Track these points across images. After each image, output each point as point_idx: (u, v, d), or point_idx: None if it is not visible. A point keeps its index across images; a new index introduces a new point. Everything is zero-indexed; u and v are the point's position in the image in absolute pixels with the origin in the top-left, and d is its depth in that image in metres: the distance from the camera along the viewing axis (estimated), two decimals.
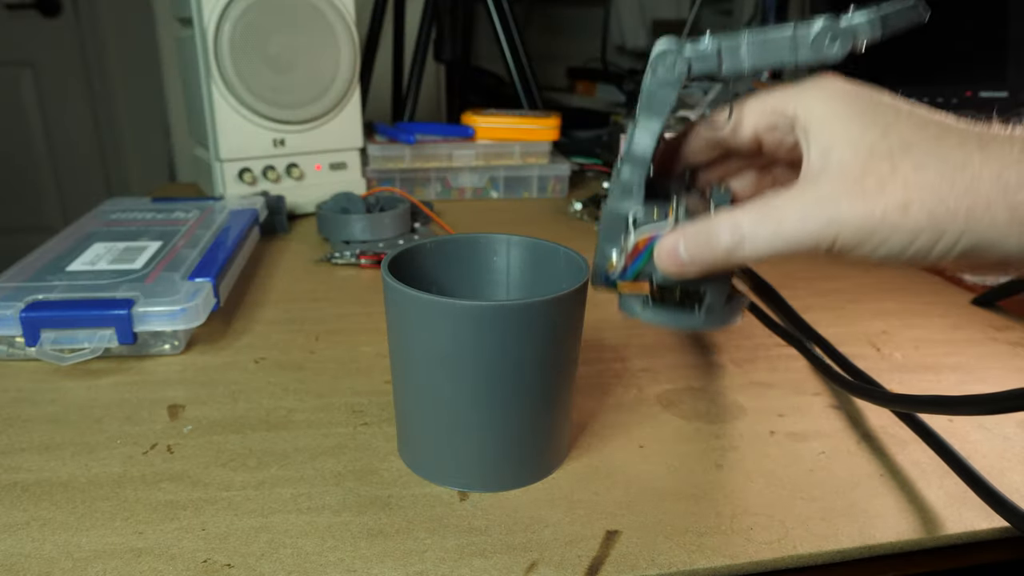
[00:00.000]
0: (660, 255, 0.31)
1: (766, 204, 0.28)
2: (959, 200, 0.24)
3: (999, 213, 0.24)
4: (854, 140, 0.26)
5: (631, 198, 0.33)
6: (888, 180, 0.25)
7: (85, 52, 1.98)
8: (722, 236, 0.28)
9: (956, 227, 0.25)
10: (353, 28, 0.75)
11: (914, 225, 0.25)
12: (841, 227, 0.26)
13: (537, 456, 0.34)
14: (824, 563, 0.30)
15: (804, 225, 0.26)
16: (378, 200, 0.73)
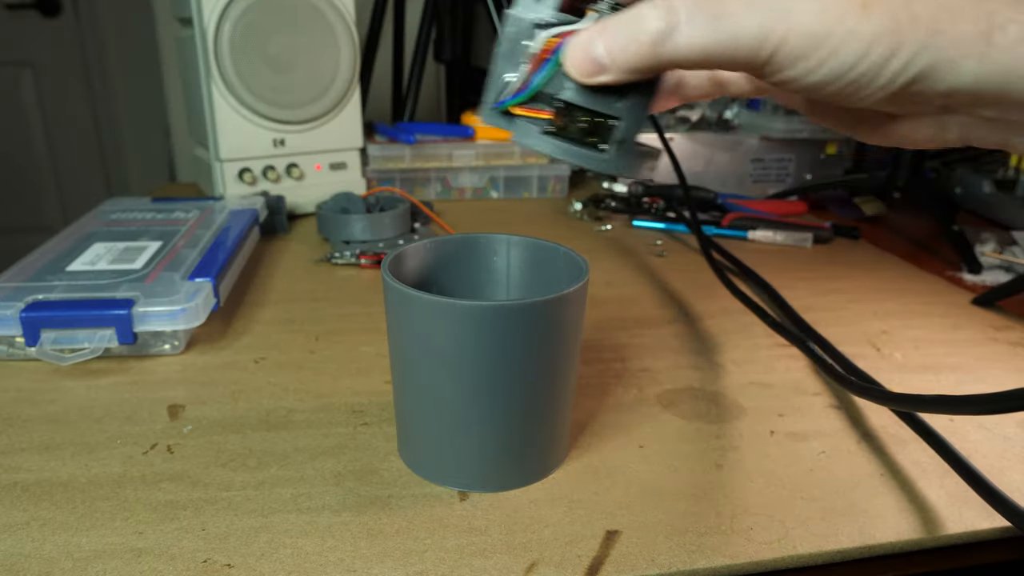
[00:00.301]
0: (572, 52, 0.26)
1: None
2: (926, 4, 0.22)
3: (966, 25, 0.22)
4: None
5: (543, 3, 0.27)
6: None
7: (85, 52, 1.98)
8: (651, 21, 0.24)
9: (916, 39, 0.22)
10: (353, 28, 0.75)
11: (873, 30, 0.22)
12: (792, 25, 0.22)
13: (537, 456, 0.34)
14: (824, 563, 0.30)
15: (750, 15, 0.23)
16: (378, 200, 0.73)
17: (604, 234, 0.74)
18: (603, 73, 0.25)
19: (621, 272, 0.63)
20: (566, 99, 0.27)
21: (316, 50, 0.73)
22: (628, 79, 0.26)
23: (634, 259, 0.66)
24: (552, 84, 0.27)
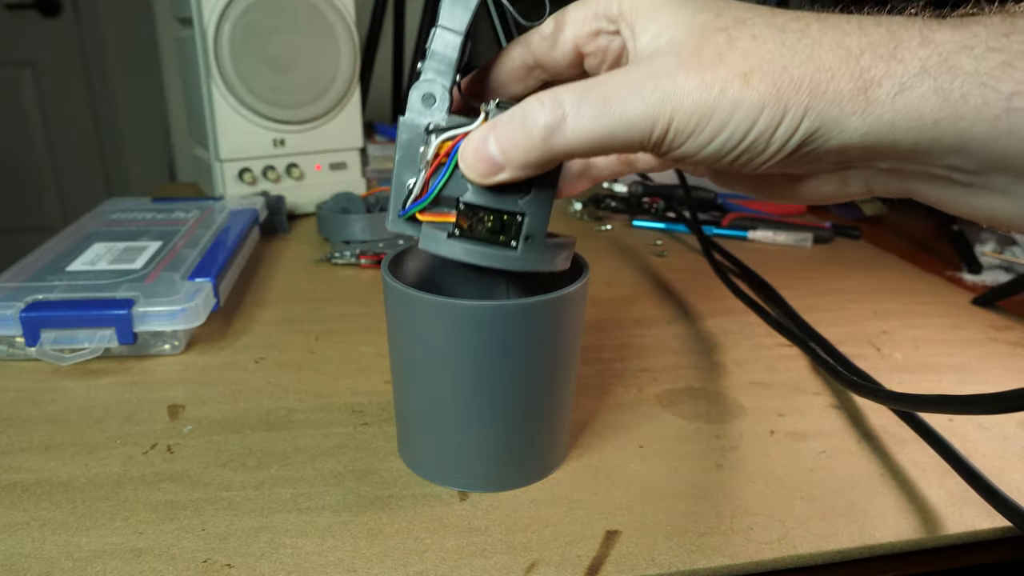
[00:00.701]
0: (466, 154, 0.26)
1: (591, 80, 0.24)
2: (802, 67, 0.22)
3: (843, 82, 0.22)
4: (687, 22, 0.24)
5: (432, 108, 0.28)
6: (726, 51, 0.23)
7: (85, 52, 1.98)
8: (539, 115, 0.24)
9: (800, 101, 0.22)
10: (353, 28, 0.75)
11: (757, 98, 0.22)
12: (677, 104, 0.23)
13: (537, 456, 0.34)
14: (824, 563, 0.30)
15: (636, 100, 0.23)
16: (378, 200, 0.73)
17: (604, 234, 0.74)
18: (500, 172, 0.26)
19: (621, 272, 0.63)
20: (468, 201, 0.28)
21: (316, 50, 0.73)
22: (526, 175, 0.26)
23: (634, 259, 0.66)
24: (452, 187, 0.28)
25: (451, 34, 0.28)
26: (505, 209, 0.28)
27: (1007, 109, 0.21)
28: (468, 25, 0.28)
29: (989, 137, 0.21)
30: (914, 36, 0.22)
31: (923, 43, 0.22)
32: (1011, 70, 0.21)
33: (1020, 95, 0.21)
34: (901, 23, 0.22)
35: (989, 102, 0.21)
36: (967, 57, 0.21)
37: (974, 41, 0.21)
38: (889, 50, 0.22)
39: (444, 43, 0.28)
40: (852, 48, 0.22)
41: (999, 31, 0.21)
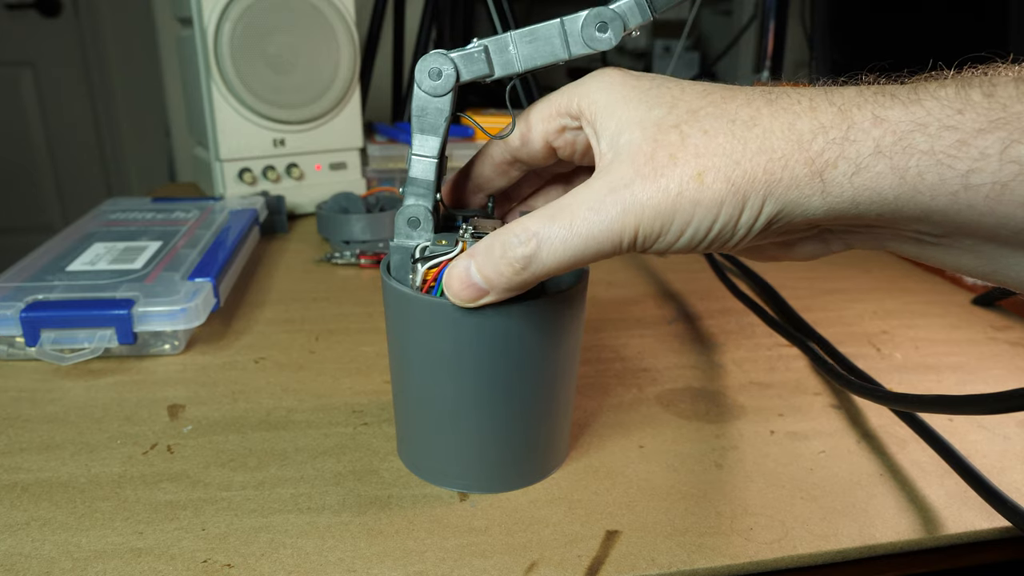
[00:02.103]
0: (451, 284, 0.28)
1: (556, 203, 0.26)
2: (754, 159, 0.23)
3: (797, 168, 0.23)
4: (640, 119, 0.25)
5: (418, 229, 0.31)
6: (679, 151, 0.24)
7: (85, 52, 1.98)
8: (515, 247, 0.26)
9: (757, 191, 0.23)
10: (353, 28, 0.75)
11: (713, 196, 0.23)
12: (639, 213, 0.24)
13: (537, 457, 0.34)
14: (824, 563, 0.30)
15: (599, 218, 0.24)
16: (378, 200, 0.73)
17: None
18: (485, 296, 0.28)
19: (621, 272, 0.63)
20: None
21: (316, 50, 0.73)
22: (509, 296, 0.28)
23: (634, 259, 0.66)
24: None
25: (426, 160, 0.30)
26: None
27: (964, 186, 0.21)
28: (440, 149, 0.30)
29: (950, 210, 0.22)
30: (866, 116, 0.22)
31: (876, 122, 0.22)
32: (966, 148, 0.21)
33: (976, 172, 0.21)
34: (853, 100, 0.23)
35: (946, 179, 0.21)
36: (921, 136, 0.21)
37: (928, 119, 0.21)
38: (842, 132, 0.22)
39: (421, 169, 0.31)
40: (804, 133, 0.23)
41: (953, 107, 0.21)
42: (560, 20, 0.29)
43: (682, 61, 1.26)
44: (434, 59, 0.29)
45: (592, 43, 0.29)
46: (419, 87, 0.30)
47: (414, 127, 0.30)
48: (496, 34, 0.30)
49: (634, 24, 0.29)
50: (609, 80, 0.27)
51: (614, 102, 0.26)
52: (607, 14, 0.28)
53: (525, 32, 0.29)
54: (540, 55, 0.29)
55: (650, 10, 0.28)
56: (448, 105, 0.30)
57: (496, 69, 0.30)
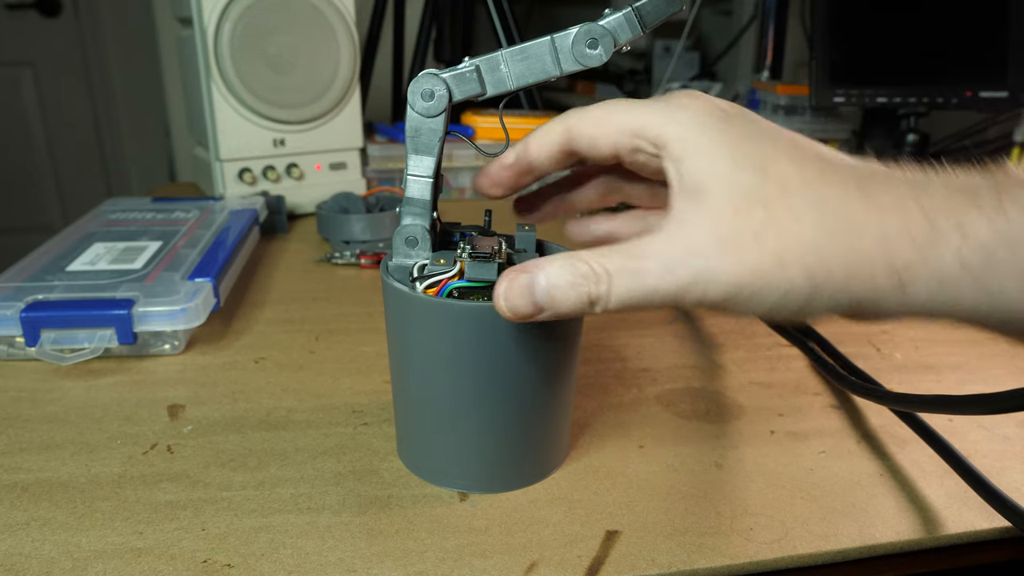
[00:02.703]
0: (510, 294, 0.26)
1: (633, 249, 0.25)
2: (838, 257, 0.23)
3: (879, 273, 0.22)
4: (729, 182, 0.24)
5: (416, 248, 0.31)
6: (764, 231, 0.23)
7: (85, 52, 1.98)
8: (589, 282, 0.25)
9: (833, 285, 0.23)
10: (353, 28, 0.75)
11: (789, 281, 0.23)
12: (710, 281, 0.24)
13: (537, 457, 0.34)
14: (824, 563, 0.30)
15: (670, 277, 0.24)
16: (378, 200, 0.73)
17: None
18: (540, 314, 0.27)
19: None
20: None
21: (316, 50, 0.73)
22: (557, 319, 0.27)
23: None
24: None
25: (422, 180, 0.31)
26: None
27: None
28: (435, 169, 0.31)
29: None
30: (952, 227, 0.22)
31: (962, 237, 0.22)
32: None
33: None
34: (940, 206, 0.22)
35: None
36: (1006, 252, 0.21)
37: (1015, 233, 0.21)
38: (928, 243, 0.22)
39: (417, 189, 0.31)
40: (891, 238, 0.22)
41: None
42: (551, 38, 0.29)
43: (682, 61, 1.26)
44: (426, 80, 0.30)
45: (583, 60, 0.29)
46: (412, 108, 0.30)
47: (408, 148, 0.31)
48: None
49: (624, 40, 0.29)
50: (699, 117, 0.26)
51: (703, 149, 0.25)
52: (597, 31, 0.29)
53: (516, 50, 0.29)
54: (532, 73, 0.30)
55: (640, 26, 0.29)
56: (441, 125, 0.30)
57: (488, 88, 0.30)
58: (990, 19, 0.75)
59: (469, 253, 0.31)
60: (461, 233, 0.35)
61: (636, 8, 0.28)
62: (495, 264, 0.31)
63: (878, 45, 0.75)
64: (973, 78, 0.75)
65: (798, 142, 0.25)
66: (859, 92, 0.73)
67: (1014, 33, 0.74)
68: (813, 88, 0.73)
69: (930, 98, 0.73)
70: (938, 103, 0.74)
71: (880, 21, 0.75)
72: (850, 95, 0.73)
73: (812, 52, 0.74)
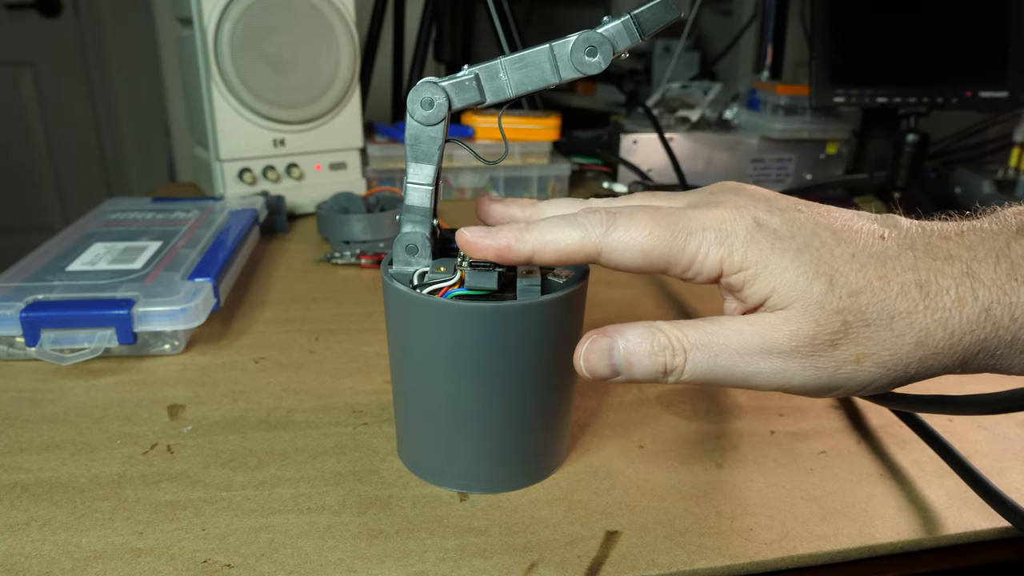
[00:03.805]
0: (589, 356, 0.27)
1: (714, 328, 0.26)
2: (911, 354, 0.25)
3: (947, 359, 0.25)
4: (801, 293, 0.25)
5: (416, 255, 0.32)
6: (841, 340, 0.25)
7: (85, 52, 1.97)
8: (667, 354, 0.26)
9: (909, 372, 0.25)
10: (353, 28, 0.75)
11: (867, 377, 0.25)
12: (786, 380, 0.26)
13: (537, 457, 0.34)
14: (824, 563, 0.30)
15: (743, 364, 0.26)
16: (378, 200, 0.73)
17: None
18: (614, 378, 0.27)
19: (621, 272, 0.63)
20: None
21: (316, 50, 0.73)
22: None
23: None
24: None
25: (422, 188, 0.31)
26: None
27: None
28: (435, 177, 0.31)
29: None
30: (1006, 313, 0.24)
31: (1012, 320, 0.24)
32: None
33: None
34: (994, 292, 0.24)
35: None
36: None
37: None
38: (986, 332, 0.24)
39: (417, 197, 0.31)
40: (955, 333, 0.24)
41: None
42: (549, 46, 0.29)
43: (682, 61, 1.26)
44: (425, 89, 0.30)
45: (582, 67, 0.29)
46: (411, 117, 0.30)
47: (408, 156, 0.31)
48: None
49: (623, 47, 0.29)
50: (754, 239, 0.26)
51: (765, 273, 0.26)
52: (596, 38, 0.29)
53: (515, 58, 0.30)
54: (530, 80, 0.30)
55: (639, 33, 0.29)
56: (441, 133, 0.30)
57: (488, 96, 0.30)
58: (990, 19, 0.75)
59: (469, 262, 0.31)
60: None
61: (634, 16, 0.29)
62: (495, 273, 0.31)
63: (878, 45, 0.75)
64: (973, 78, 0.75)
65: (848, 240, 0.26)
66: (859, 92, 0.73)
67: (1014, 33, 0.74)
68: (813, 88, 0.73)
69: (930, 98, 0.73)
70: (938, 103, 0.74)
71: (880, 21, 0.75)
72: (850, 95, 0.73)
73: (812, 52, 0.74)
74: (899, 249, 0.26)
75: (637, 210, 0.27)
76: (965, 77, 0.76)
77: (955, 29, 0.76)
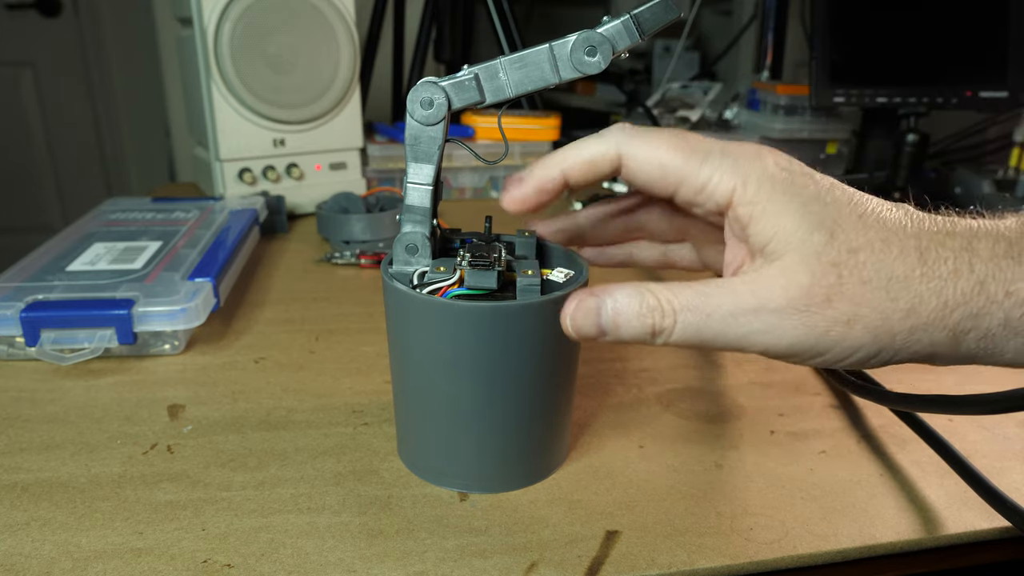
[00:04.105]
0: (576, 314, 0.27)
1: (703, 289, 0.26)
2: (902, 321, 0.25)
3: (937, 332, 0.25)
4: (800, 242, 0.25)
5: (416, 255, 0.32)
6: (835, 295, 0.25)
7: (85, 52, 1.97)
8: (656, 314, 0.26)
9: (896, 344, 0.25)
10: (353, 28, 0.75)
11: (855, 341, 0.25)
12: (777, 338, 0.25)
13: (537, 457, 0.34)
14: (824, 563, 0.30)
15: (735, 325, 0.25)
16: (378, 200, 0.73)
17: None
18: (601, 338, 0.27)
19: (622, 272, 0.63)
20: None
21: (316, 50, 0.73)
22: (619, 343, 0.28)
23: None
24: None
25: (422, 188, 0.31)
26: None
27: None
28: (435, 176, 0.31)
29: None
30: (1000, 290, 0.24)
31: (1007, 296, 0.24)
32: None
33: None
34: (991, 269, 0.24)
35: None
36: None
37: None
38: (979, 305, 0.24)
39: (417, 197, 0.31)
40: (948, 303, 0.24)
41: None
42: (549, 46, 0.29)
43: (682, 61, 1.26)
44: (425, 89, 0.30)
45: (581, 67, 0.29)
46: (411, 117, 0.30)
47: (408, 156, 0.31)
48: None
49: (623, 47, 0.29)
50: (768, 178, 0.26)
51: (774, 212, 0.26)
52: (595, 38, 0.29)
53: (515, 58, 0.30)
54: (530, 80, 0.30)
55: (638, 33, 0.29)
56: (441, 133, 0.30)
57: (487, 96, 0.30)
58: (990, 19, 0.75)
59: (469, 261, 0.31)
60: (461, 240, 0.35)
61: (634, 16, 0.29)
62: (495, 272, 0.31)
63: (878, 45, 0.75)
64: (973, 78, 0.75)
65: (858, 204, 0.26)
66: (859, 92, 0.73)
67: (1014, 33, 0.74)
68: (813, 88, 0.73)
69: (930, 98, 0.73)
70: (938, 103, 0.74)
71: (880, 21, 0.75)
72: (850, 95, 0.73)
73: (812, 52, 0.74)
74: (904, 219, 0.26)
75: (662, 130, 0.28)
76: (965, 77, 0.76)
77: (955, 29, 0.76)
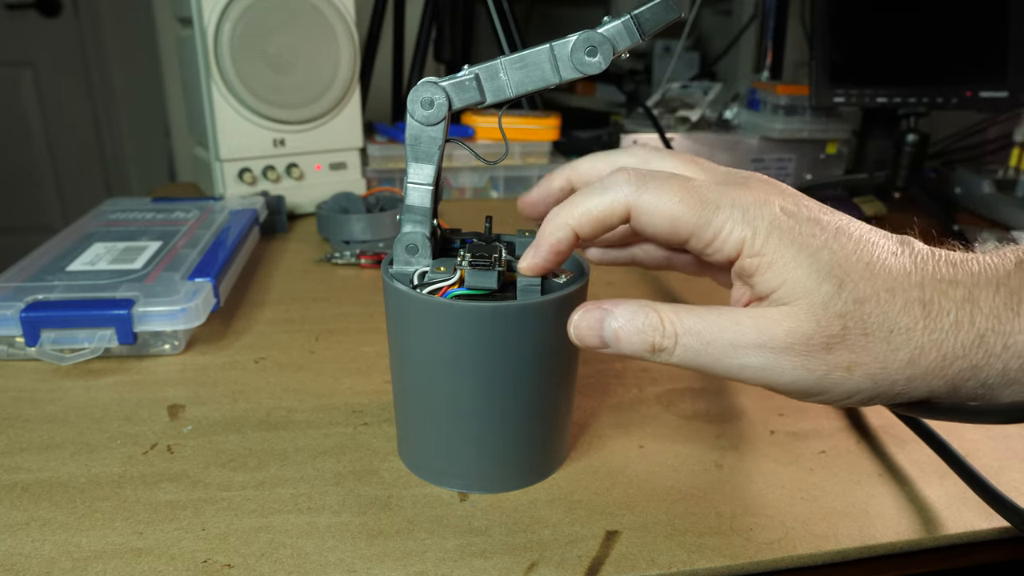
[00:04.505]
0: (580, 324, 0.28)
1: (707, 315, 0.26)
2: (901, 371, 0.25)
3: (935, 382, 0.25)
4: (808, 292, 0.25)
5: (416, 255, 0.32)
6: (836, 344, 0.25)
7: (85, 52, 1.98)
8: (657, 336, 0.27)
9: (894, 390, 0.26)
10: (353, 28, 0.75)
11: (853, 386, 0.26)
12: (776, 376, 0.26)
13: (537, 457, 0.34)
14: (824, 563, 0.30)
15: (735, 356, 0.26)
16: (378, 200, 0.73)
17: None
18: (603, 349, 0.28)
19: (621, 272, 0.63)
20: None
21: (316, 50, 0.73)
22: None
23: None
24: None
25: (422, 188, 0.31)
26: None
27: None
28: (435, 177, 0.31)
29: None
30: (999, 342, 0.25)
31: (1005, 348, 0.25)
32: None
33: None
34: (990, 321, 0.25)
35: None
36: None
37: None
38: (979, 358, 0.25)
39: (417, 197, 0.32)
40: (948, 355, 0.25)
41: None
42: (549, 46, 0.29)
43: (682, 61, 1.26)
44: (426, 89, 0.30)
45: (582, 67, 0.29)
46: (412, 117, 0.30)
47: (408, 156, 0.31)
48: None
49: (623, 47, 0.29)
50: (776, 225, 0.26)
51: (779, 265, 0.26)
52: (596, 39, 0.29)
53: (515, 58, 0.30)
54: (531, 80, 0.30)
55: (639, 33, 0.29)
56: (441, 133, 0.30)
57: (488, 96, 0.30)
58: (990, 19, 0.75)
59: (469, 261, 0.31)
60: (461, 240, 0.35)
61: (635, 16, 0.29)
62: (495, 272, 0.31)
63: (878, 45, 0.75)
64: (973, 78, 0.75)
65: (865, 250, 0.26)
66: (859, 92, 0.73)
67: (1014, 33, 0.74)
68: (813, 88, 0.73)
69: (930, 98, 0.73)
70: (938, 103, 0.74)
71: (880, 21, 0.75)
72: (850, 95, 0.73)
73: (812, 52, 0.73)
74: (910, 266, 0.26)
75: (670, 177, 0.28)
76: (965, 77, 0.76)
77: (955, 29, 0.76)
